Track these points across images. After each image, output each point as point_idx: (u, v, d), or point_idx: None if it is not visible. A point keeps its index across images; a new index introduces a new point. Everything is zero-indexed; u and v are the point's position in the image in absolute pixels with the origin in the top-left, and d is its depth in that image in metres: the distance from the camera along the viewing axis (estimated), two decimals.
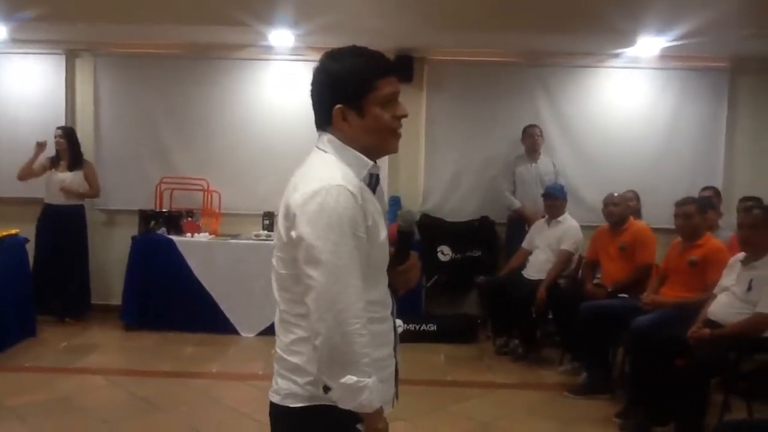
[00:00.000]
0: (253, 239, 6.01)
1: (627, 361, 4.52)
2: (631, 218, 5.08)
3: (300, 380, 1.62)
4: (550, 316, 5.26)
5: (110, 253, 6.38)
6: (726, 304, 3.81)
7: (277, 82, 6.49)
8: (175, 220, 6.15)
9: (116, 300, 6.10)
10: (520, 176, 6.20)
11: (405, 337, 6.45)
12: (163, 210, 6.23)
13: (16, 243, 5.49)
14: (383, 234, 1.63)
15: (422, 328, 5.78)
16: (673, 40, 5.64)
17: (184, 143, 6.51)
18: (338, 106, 1.61)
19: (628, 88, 6.46)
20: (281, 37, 5.95)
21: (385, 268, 1.68)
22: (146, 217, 6.16)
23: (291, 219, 1.56)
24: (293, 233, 1.54)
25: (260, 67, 6.51)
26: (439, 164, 6.52)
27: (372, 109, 1.62)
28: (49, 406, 4.20)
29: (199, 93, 6.49)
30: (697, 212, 4.43)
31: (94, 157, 6.47)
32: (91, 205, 6.50)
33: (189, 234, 6.04)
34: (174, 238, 5.96)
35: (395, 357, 1.73)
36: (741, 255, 3.91)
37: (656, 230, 5.22)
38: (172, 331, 5.80)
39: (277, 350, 1.70)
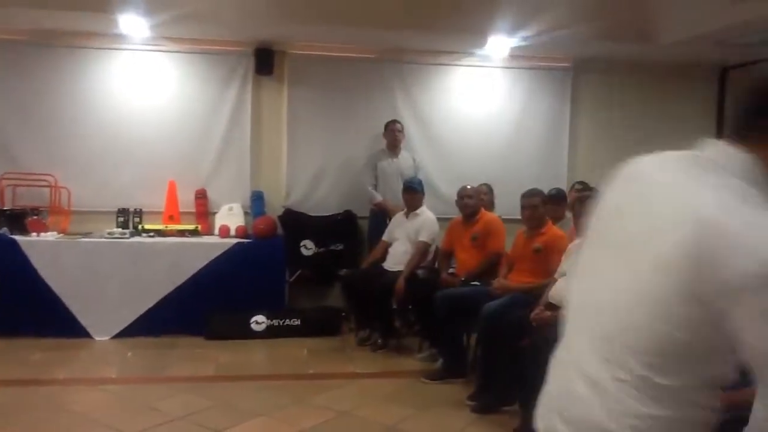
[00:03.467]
0: (106, 237, 5.73)
1: (479, 346, 4.75)
2: (483, 209, 5.32)
3: None
4: (411, 307, 5.44)
5: None
6: (564, 287, 4.09)
7: (131, 73, 6.24)
8: (18, 219, 5.75)
9: None
10: (382, 171, 6.33)
11: (269, 333, 6.39)
12: (5, 208, 5.81)
13: None
14: None
15: (286, 323, 5.75)
16: (521, 41, 5.97)
17: (29, 137, 6.09)
18: None
19: (481, 86, 6.76)
20: (134, 25, 5.71)
21: None
22: None
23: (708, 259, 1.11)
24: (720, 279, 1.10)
25: (112, 57, 6.22)
26: (302, 158, 6.52)
27: None
28: None
29: (46, 83, 6.10)
30: (541, 203, 4.73)
31: None
32: None
33: (34, 233, 5.67)
34: (17, 237, 5.56)
35: None
36: (579, 240, 4.21)
37: (507, 220, 5.49)
38: (16, 338, 5.40)
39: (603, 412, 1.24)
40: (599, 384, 1.26)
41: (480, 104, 6.74)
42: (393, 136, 6.30)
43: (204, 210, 6.29)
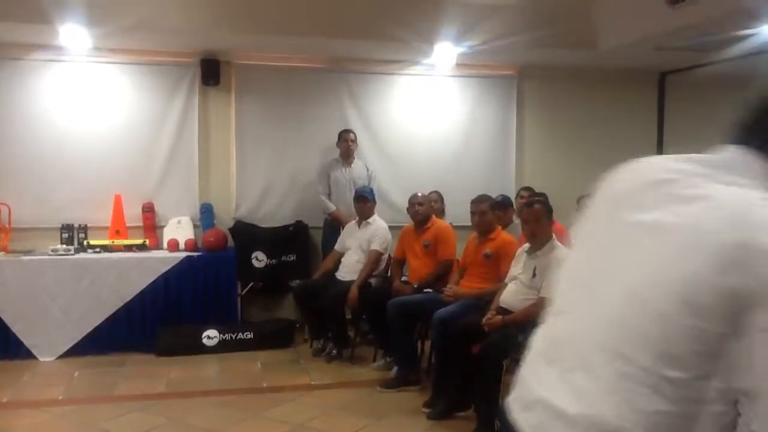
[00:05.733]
0: (49, 254, 5.56)
1: (432, 352, 4.77)
2: (434, 217, 5.36)
3: None
4: (364, 315, 5.43)
5: None
6: (515, 292, 4.15)
7: (73, 84, 6.08)
8: None
9: None
10: (335, 180, 6.30)
11: (221, 348, 6.26)
12: None
13: None
14: None
15: (239, 336, 5.66)
16: (467, 50, 6.04)
17: None
18: None
19: (429, 95, 6.80)
20: (76, 36, 5.56)
21: None
22: None
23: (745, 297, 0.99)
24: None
25: (53, 69, 6.05)
26: (251, 169, 6.46)
27: None
28: None
29: None
30: (490, 209, 4.79)
31: None
32: None
33: None
34: None
35: None
36: (526, 246, 4.28)
37: (458, 227, 5.54)
38: None
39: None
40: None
41: (428, 112, 6.79)
42: (346, 145, 6.29)
43: (151, 224, 6.16)
